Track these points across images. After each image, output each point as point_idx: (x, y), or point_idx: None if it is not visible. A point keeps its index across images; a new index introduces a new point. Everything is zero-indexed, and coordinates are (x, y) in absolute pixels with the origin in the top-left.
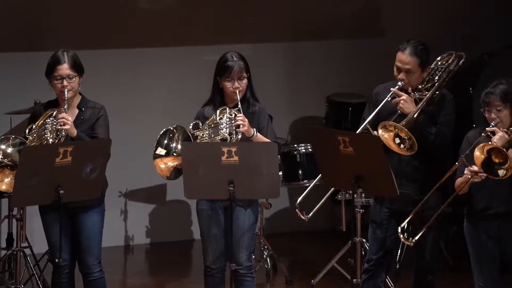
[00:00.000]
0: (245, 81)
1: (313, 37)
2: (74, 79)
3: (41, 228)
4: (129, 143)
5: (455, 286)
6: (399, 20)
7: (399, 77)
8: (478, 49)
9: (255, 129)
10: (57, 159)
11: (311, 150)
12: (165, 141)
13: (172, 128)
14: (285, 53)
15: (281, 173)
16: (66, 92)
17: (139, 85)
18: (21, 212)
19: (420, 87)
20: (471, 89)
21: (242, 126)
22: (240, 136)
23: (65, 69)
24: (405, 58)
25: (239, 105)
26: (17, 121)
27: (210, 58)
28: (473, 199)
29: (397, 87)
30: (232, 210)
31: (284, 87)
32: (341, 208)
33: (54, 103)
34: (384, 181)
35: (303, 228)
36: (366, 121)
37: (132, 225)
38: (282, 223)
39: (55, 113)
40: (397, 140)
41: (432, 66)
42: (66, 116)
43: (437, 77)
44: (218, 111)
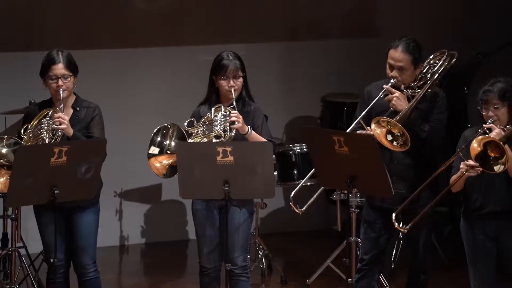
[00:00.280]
0: (240, 79)
1: (308, 37)
2: (69, 78)
3: (36, 228)
4: (123, 143)
5: (450, 285)
6: (394, 20)
7: (391, 74)
8: (473, 49)
9: (249, 126)
10: (52, 159)
11: (306, 150)
12: (158, 139)
13: (166, 125)
14: (279, 53)
15: (276, 173)
16: (61, 92)
17: (133, 85)
18: (16, 212)
19: (412, 84)
20: (466, 89)
21: (236, 123)
22: (234, 132)
23: (60, 68)
24: (398, 55)
25: (234, 104)
26: (12, 121)
27: (204, 58)
28: (469, 198)
29: (390, 84)
30: (227, 210)
31: (279, 87)
32: (336, 208)
33: (48, 103)
34: (379, 181)
35: (298, 228)
36: (359, 117)
37: (127, 225)
38: (277, 223)
39: (50, 112)
40: (389, 137)
41: (425, 64)
42: (62, 115)
43: (429, 75)
44: (213, 108)
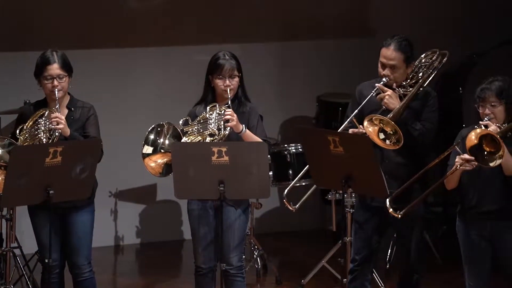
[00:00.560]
0: (236, 79)
1: (302, 37)
2: (64, 79)
3: (31, 228)
4: (119, 143)
5: (444, 286)
6: (388, 20)
7: (383, 73)
8: (468, 49)
9: (244, 125)
10: (47, 159)
11: (301, 150)
12: (152, 137)
13: (161, 123)
14: (274, 53)
15: (271, 173)
16: (56, 92)
17: (128, 85)
18: (11, 213)
19: (404, 83)
20: (460, 89)
21: (230, 121)
22: (228, 131)
23: (55, 69)
24: (390, 53)
25: (229, 103)
26: (6, 121)
27: (199, 58)
28: (465, 197)
29: (382, 82)
30: (223, 210)
31: (274, 87)
32: (331, 208)
33: (43, 103)
34: (374, 181)
35: (293, 228)
36: (352, 115)
37: (122, 225)
38: (273, 223)
39: (47, 113)
40: (381, 136)
41: (416, 63)
42: (59, 115)
43: (421, 74)
44: (208, 107)
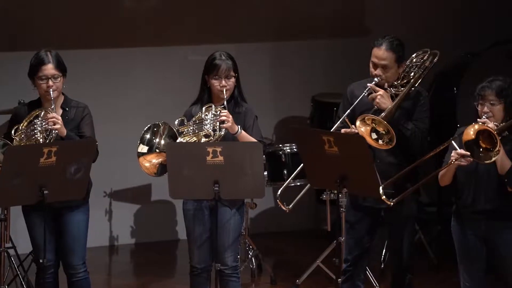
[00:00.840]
0: (232, 80)
1: (297, 36)
2: (59, 79)
3: (25, 229)
4: (113, 143)
5: (440, 286)
6: (383, 19)
7: (375, 73)
8: (462, 49)
9: (239, 126)
10: (42, 159)
11: (296, 150)
12: (148, 136)
13: (157, 123)
14: (269, 53)
15: (266, 173)
16: (51, 92)
17: (123, 85)
18: (5, 213)
19: (396, 83)
20: (455, 89)
21: (226, 122)
22: (223, 132)
23: (50, 69)
24: (381, 53)
25: (225, 104)
26: (0, 121)
27: (194, 58)
28: (460, 195)
29: (373, 82)
30: (218, 211)
31: (268, 87)
32: (326, 208)
33: (37, 104)
34: (369, 181)
35: (288, 228)
36: (344, 116)
37: (117, 225)
38: (267, 223)
39: (42, 113)
40: (373, 135)
41: (407, 63)
42: (56, 115)
43: (412, 73)
44: (204, 108)
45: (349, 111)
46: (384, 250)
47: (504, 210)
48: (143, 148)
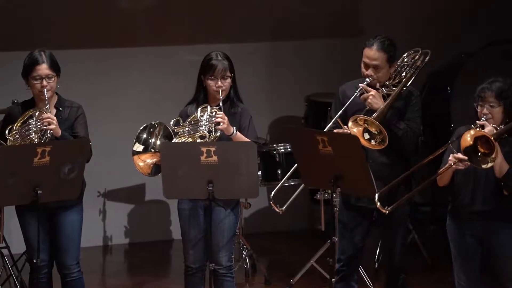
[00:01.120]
0: (228, 80)
1: (292, 36)
2: (53, 79)
3: (19, 229)
4: (107, 143)
5: (434, 285)
6: (378, 19)
7: (367, 73)
8: (456, 49)
9: (234, 127)
10: (35, 159)
11: (290, 149)
12: (144, 136)
13: (153, 123)
14: (264, 53)
15: (260, 172)
16: (45, 92)
17: (117, 85)
18: None
19: (387, 83)
20: (449, 88)
21: (221, 124)
22: (218, 133)
23: (44, 69)
24: (373, 53)
25: (220, 104)
26: None
27: (189, 58)
28: (457, 195)
29: (365, 83)
30: (213, 210)
31: (263, 87)
32: (320, 207)
33: (30, 103)
34: (363, 181)
35: (282, 228)
36: (336, 116)
37: (110, 225)
38: (261, 223)
39: (37, 113)
40: (366, 136)
41: (399, 62)
42: (51, 116)
43: (404, 73)
44: (199, 109)
45: (341, 111)
46: (378, 250)
47: (501, 210)
48: (138, 147)
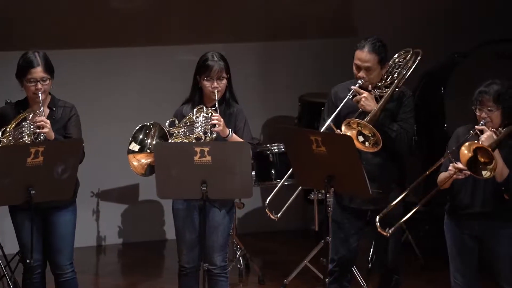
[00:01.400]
0: (224, 81)
1: (286, 36)
2: (47, 81)
3: (12, 229)
4: (101, 143)
5: (428, 285)
6: (372, 20)
7: (359, 75)
8: (450, 49)
9: (230, 129)
10: (29, 159)
11: (284, 149)
12: (140, 136)
13: (149, 124)
14: (258, 52)
15: (253, 172)
16: (40, 95)
17: (111, 85)
18: None
19: (379, 84)
20: (442, 88)
21: (217, 126)
22: (214, 135)
23: (39, 72)
24: (364, 55)
25: (216, 105)
26: None
27: (183, 58)
28: (456, 195)
29: (357, 85)
30: (207, 211)
31: (257, 87)
32: (314, 207)
33: (24, 103)
34: (357, 181)
35: (275, 227)
36: (329, 120)
37: (104, 225)
38: (255, 222)
39: (31, 116)
40: (360, 138)
41: (390, 63)
42: (45, 119)
43: (396, 74)
44: (195, 110)
45: (334, 115)
46: (371, 250)
47: (500, 211)
48: (134, 147)
